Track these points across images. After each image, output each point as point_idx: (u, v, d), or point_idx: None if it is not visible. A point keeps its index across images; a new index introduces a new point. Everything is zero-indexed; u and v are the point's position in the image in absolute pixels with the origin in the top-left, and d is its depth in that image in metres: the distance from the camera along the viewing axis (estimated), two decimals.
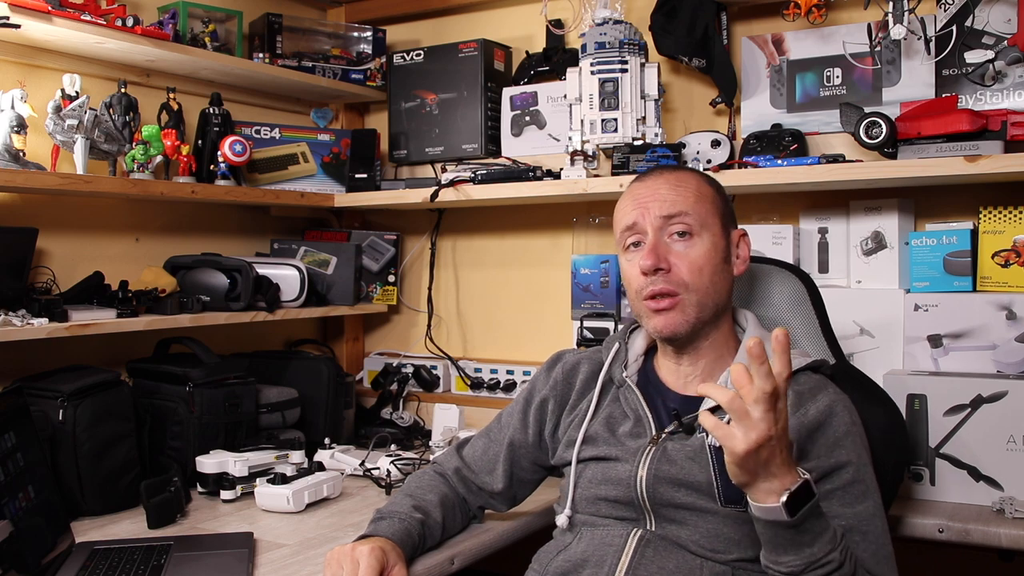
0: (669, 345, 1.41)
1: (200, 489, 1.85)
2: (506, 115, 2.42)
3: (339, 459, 2.02)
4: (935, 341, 1.80)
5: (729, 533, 1.28)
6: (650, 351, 1.51)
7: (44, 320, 1.76)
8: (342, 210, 2.65)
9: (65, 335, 1.79)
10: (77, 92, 1.95)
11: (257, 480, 1.81)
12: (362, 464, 1.98)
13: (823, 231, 2.03)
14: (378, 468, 1.94)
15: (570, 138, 2.14)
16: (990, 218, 1.82)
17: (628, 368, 1.47)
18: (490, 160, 2.40)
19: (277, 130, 2.48)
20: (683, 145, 2.09)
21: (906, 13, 1.81)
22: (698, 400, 1.37)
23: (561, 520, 1.43)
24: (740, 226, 1.47)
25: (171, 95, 2.22)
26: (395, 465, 1.92)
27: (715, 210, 1.39)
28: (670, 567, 1.29)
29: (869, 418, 1.39)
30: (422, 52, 2.52)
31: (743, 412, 1.08)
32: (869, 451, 1.31)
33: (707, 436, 1.31)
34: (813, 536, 1.13)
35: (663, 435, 1.36)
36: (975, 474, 1.66)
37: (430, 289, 2.64)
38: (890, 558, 1.25)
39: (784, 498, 1.09)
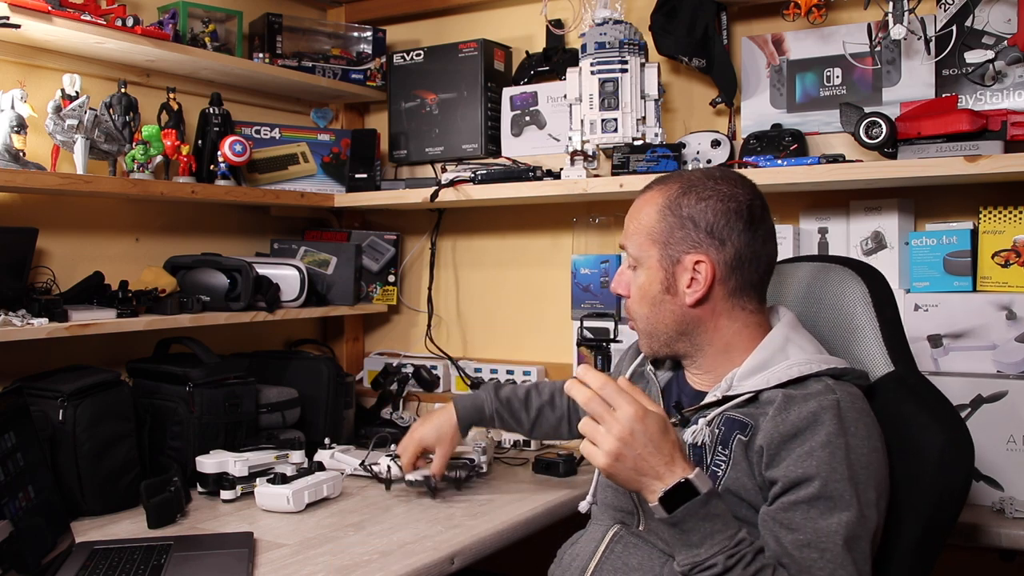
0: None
1: (200, 489, 1.85)
2: (506, 115, 2.42)
3: (339, 459, 2.02)
4: (935, 341, 1.80)
5: None
6: None
7: (44, 320, 1.76)
8: (342, 210, 2.65)
9: (65, 335, 1.78)
10: (77, 92, 1.95)
11: (257, 480, 1.81)
12: (362, 464, 1.98)
13: (823, 231, 2.03)
14: (378, 464, 1.95)
15: (570, 138, 2.14)
16: (990, 218, 1.82)
17: (660, 363, 1.48)
18: (490, 160, 2.40)
19: (277, 130, 2.48)
20: (683, 145, 2.09)
21: (906, 13, 1.81)
22: (701, 394, 1.37)
23: (582, 506, 1.49)
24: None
25: (171, 95, 2.22)
26: (395, 463, 1.91)
27: (651, 241, 1.34)
28: (633, 563, 1.32)
29: (922, 434, 1.28)
30: (422, 52, 2.52)
31: (594, 430, 1.17)
32: (864, 468, 1.20)
33: (687, 428, 1.32)
34: (701, 537, 1.14)
35: None
36: (975, 474, 1.66)
37: (430, 289, 2.64)
38: None
39: (660, 495, 1.14)
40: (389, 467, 1.89)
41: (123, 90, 2.08)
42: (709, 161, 2.07)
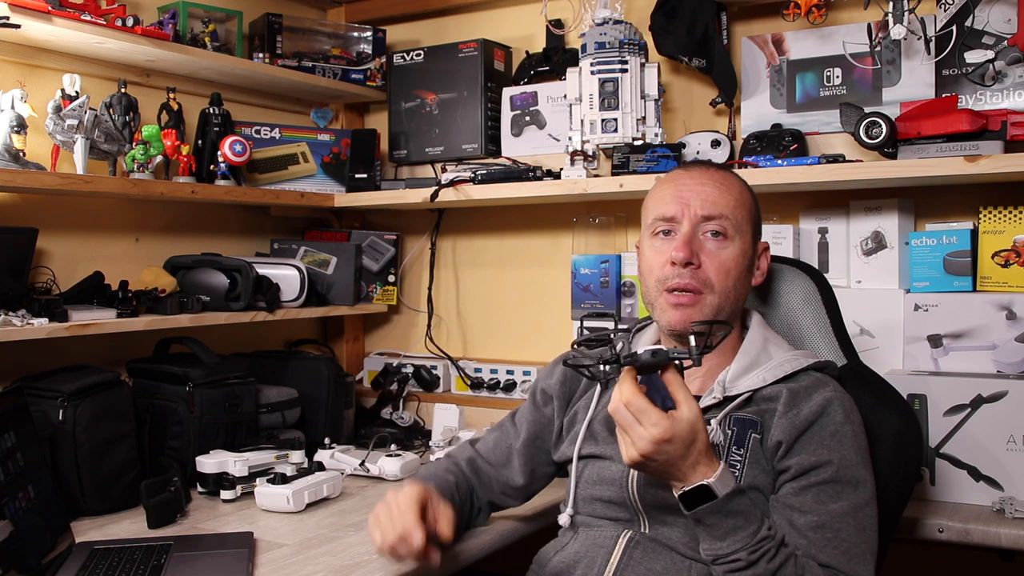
0: (677, 342, 1.40)
1: (200, 489, 1.85)
2: (506, 115, 2.42)
3: (339, 459, 2.02)
4: (935, 341, 1.80)
5: None
6: None
7: (44, 320, 1.76)
8: (342, 210, 2.65)
9: (65, 335, 1.78)
10: (77, 92, 1.95)
11: (257, 480, 1.81)
12: (362, 464, 1.98)
13: (823, 231, 2.03)
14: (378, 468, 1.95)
15: (570, 138, 2.14)
16: (990, 218, 1.82)
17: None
18: (490, 160, 2.40)
19: (277, 130, 2.48)
20: (683, 145, 2.09)
21: (906, 13, 1.81)
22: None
23: (563, 519, 1.44)
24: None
25: (171, 95, 2.22)
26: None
27: (750, 218, 1.40)
28: (657, 568, 1.30)
29: (880, 421, 1.38)
30: (422, 52, 2.52)
31: (622, 435, 1.17)
32: (864, 451, 1.29)
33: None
34: (723, 532, 1.16)
35: None
36: (975, 474, 1.66)
37: (430, 289, 2.64)
38: (863, 556, 1.22)
39: (679, 495, 1.18)
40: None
41: (123, 90, 2.08)
42: (709, 161, 2.06)
